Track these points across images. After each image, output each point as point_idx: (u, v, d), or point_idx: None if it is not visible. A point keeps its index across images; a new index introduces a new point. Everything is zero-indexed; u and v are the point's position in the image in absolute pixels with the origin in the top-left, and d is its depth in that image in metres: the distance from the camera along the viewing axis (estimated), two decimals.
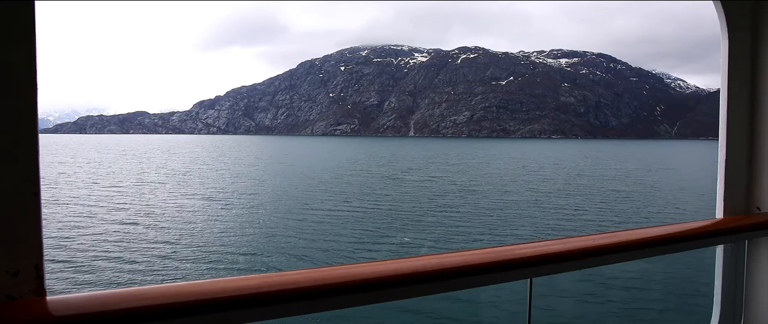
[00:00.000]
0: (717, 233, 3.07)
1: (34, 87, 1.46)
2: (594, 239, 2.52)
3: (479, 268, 2.11)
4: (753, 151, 3.21)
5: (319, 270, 1.84)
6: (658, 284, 18.31)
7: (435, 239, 28.49)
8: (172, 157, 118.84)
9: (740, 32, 3.13)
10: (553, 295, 15.57)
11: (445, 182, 60.18)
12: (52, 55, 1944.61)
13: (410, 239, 28.32)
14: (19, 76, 1.44)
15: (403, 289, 1.96)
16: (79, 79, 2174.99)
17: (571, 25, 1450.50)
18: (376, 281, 1.88)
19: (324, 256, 25.02)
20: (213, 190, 51.46)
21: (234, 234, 29.48)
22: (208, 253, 25.27)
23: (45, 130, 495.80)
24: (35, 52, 1.46)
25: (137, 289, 1.57)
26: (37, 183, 1.49)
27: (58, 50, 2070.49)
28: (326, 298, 1.80)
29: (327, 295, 1.80)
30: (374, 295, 1.91)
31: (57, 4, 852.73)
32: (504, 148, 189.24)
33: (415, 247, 26.86)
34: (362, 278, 1.86)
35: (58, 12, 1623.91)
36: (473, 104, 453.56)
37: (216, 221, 33.68)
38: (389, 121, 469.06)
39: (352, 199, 44.26)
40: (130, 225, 32.16)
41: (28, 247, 1.48)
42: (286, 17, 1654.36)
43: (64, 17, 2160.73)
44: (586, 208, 40.58)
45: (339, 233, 29.86)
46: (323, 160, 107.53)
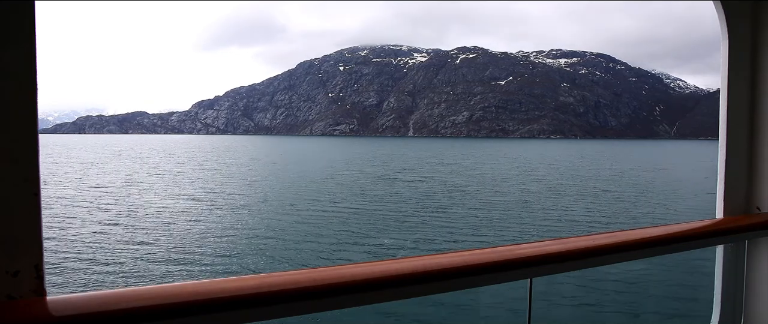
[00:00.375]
0: (717, 233, 3.06)
1: (34, 87, 1.46)
2: (594, 239, 2.52)
3: (479, 268, 2.11)
4: (753, 151, 3.21)
5: (319, 270, 1.83)
6: (658, 284, 18.25)
7: (415, 241, 28.08)
8: (167, 157, 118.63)
9: (740, 32, 3.13)
10: (553, 295, 15.58)
11: (435, 182, 59.75)
12: (52, 56, 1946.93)
13: (390, 241, 27.89)
14: (19, 76, 1.44)
15: (403, 289, 1.96)
16: (78, 79, 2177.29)
17: (571, 25, 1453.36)
18: (376, 281, 1.88)
19: (302, 257, 24.62)
20: (201, 191, 50.98)
21: (214, 235, 29.05)
22: (185, 254, 24.85)
23: (44, 130, 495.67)
24: (35, 51, 1.46)
25: (137, 289, 1.57)
26: (37, 183, 1.50)
27: (58, 50, 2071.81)
28: (326, 298, 1.79)
29: (327, 295, 1.79)
30: (374, 295, 1.91)
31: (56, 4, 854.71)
32: (502, 148, 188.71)
33: (394, 249, 26.47)
34: (362, 278, 1.85)
35: (57, 12, 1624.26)
36: (472, 104, 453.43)
37: (197, 222, 33.20)
38: (388, 121, 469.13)
39: (338, 200, 43.73)
40: (110, 226, 31.77)
41: (28, 247, 1.48)
42: (285, 17, 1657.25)
43: (63, 17, 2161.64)
44: (574, 209, 40.16)
45: (319, 234, 29.47)
46: (315, 160, 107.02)
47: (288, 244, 27.28)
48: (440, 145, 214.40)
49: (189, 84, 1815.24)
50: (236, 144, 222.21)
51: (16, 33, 1.43)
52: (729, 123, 3.16)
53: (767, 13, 3.11)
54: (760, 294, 3.13)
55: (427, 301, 13.78)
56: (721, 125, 3.19)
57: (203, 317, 1.60)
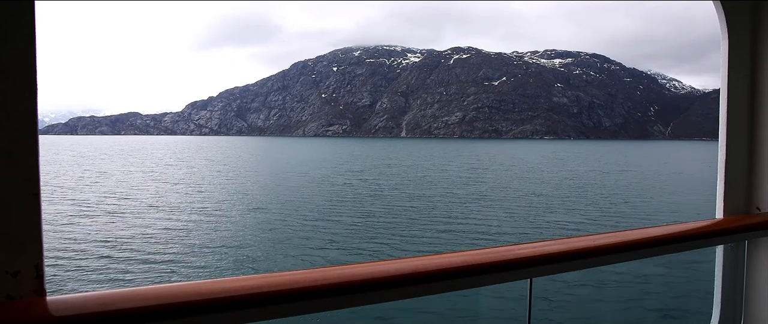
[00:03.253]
0: (717, 233, 3.05)
1: (34, 87, 1.46)
2: (594, 239, 2.53)
3: (479, 268, 2.11)
4: (753, 151, 3.20)
5: (319, 270, 1.84)
6: (658, 284, 18.25)
7: (415, 240, 27.28)
8: (163, 157, 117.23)
9: (740, 32, 3.12)
10: (553, 295, 15.64)
11: (431, 183, 57.36)
12: (52, 56, 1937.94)
13: (389, 241, 27.22)
14: (19, 76, 1.44)
15: (403, 289, 1.96)
16: (76, 80, 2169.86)
17: (567, 25, 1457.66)
18: (376, 281, 1.88)
19: (302, 257, 23.93)
20: (201, 191, 50.36)
21: (213, 236, 28.10)
22: (185, 254, 24.34)
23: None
24: (35, 52, 1.46)
25: (137, 289, 1.57)
26: (37, 183, 1.49)
27: (57, 51, 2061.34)
28: (326, 298, 1.80)
29: (327, 295, 1.80)
30: (374, 295, 1.91)
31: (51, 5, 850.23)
32: (490, 149, 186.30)
33: (394, 249, 25.85)
34: (362, 278, 1.86)
35: (52, 12, 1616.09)
36: (465, 105, 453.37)
37: (197, 222, 32.38)
38: (381, 121, 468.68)
39: (338, 201, 42.87)
40: (110, 226, 30.81)
41: (28, 247, 1.48)
42: (280, 18, 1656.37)
43: (58, 18, 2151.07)
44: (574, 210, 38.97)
45: (319, 234, 28.76)
46: (283, 161, 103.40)
47: (288, 244, 26.79)
48: (430, 146, 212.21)
49: (183, 85, 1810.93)
50: (222, 145, 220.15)
51: (16, 33, 1.43)
52: (729, 123, 3.15)
53: (767, 13, 3.11)
54: (760, 294, 3.12)
55: (427, 301, 13.56)
56: (721, 125, 3.17)
57: (203, 317, 1.60)
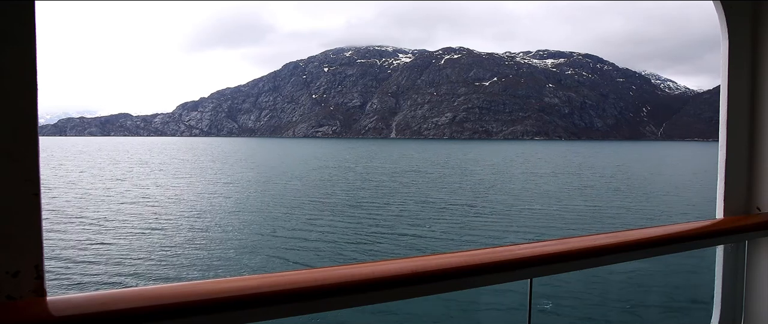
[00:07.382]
0: (717, 233, 3.06)
1: (34, 87, 1.47)
2: (594, 239, 2.54)
3: (479, 268, 2.11)
4: (753, 151, 3.20)
5: (319, 270, 1.84)
6: (658, 284, 18.27)
7: (415, 241, 26.93)
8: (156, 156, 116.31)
9: (740, 32, 3.12)
10: (553, 295, 15.71)
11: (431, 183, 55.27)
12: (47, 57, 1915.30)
13: (388, 242, 26.80)
14: (19, 77, 1.45)
15: (403, 289, 1.96)
16: (75, 81, 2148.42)
17: (561, 25, 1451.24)
18: (376, 281, 1.89)
19: (302, 257, 23.76)
20: (200, 191, 50.16)
21: (213, 236, 28.23)
22: (185, 254, 24.15)
23: None
24: (35, 52, 1.46)
25: (137, 289, 1.57)
26: (37, 183, 1.49)
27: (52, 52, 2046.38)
28: (326, 298, 1.80)
29: (327, 295, 1.80)
30: (374, 295, 1.91)
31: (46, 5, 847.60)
32: (480, 150, 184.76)
33: (394, 249, 25.19)
34: (362, 278, 1.86)
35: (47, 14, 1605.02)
36: (456, 105, 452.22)
37: (197, 222, 32.31)
38: (371, 122, 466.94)
39: (337, 201, 42.76)
40: (110, 226, 31.20)
41: (28, 247, 1.49)
42: (272, 18, 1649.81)
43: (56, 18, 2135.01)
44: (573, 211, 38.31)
45: (319, 234, 28.66)
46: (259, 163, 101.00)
47: (288, 244, 26.71)
48: (417, 147, 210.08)
49: (174, 86, 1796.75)
50: (208, 146, 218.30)
51: (16, 33, 1.43)
52: (729, 123, 3.14)
53: (767, 13, 3.10)
54: (760, 294, 3.12)
55: (427, 301, 13.50)
56: (721, 125, 3.17)
57: (203, 317, 1.60)
